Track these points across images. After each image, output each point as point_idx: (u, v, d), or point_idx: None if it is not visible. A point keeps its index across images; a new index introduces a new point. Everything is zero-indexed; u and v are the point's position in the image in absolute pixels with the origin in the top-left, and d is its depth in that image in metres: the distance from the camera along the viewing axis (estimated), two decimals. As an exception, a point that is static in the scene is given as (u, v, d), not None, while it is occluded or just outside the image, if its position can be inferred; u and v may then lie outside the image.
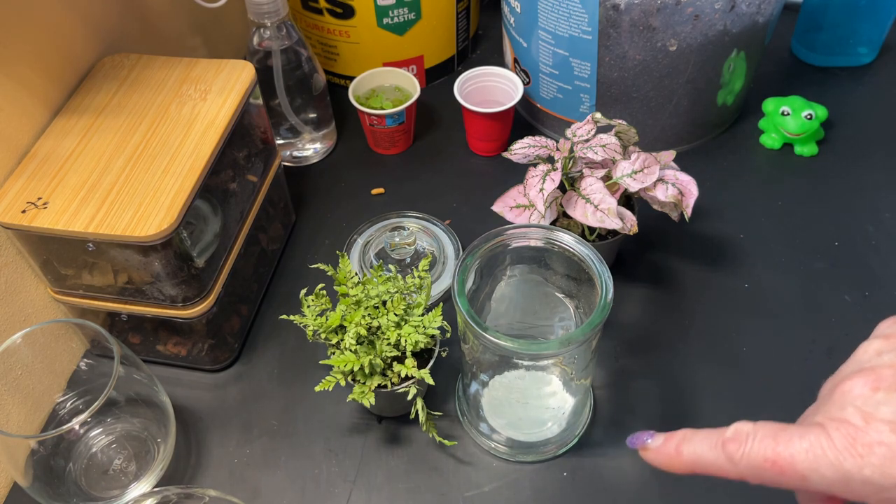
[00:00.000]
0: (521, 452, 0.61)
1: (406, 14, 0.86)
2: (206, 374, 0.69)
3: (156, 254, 0.57)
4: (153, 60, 0.68)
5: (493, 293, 0.60)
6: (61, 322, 0.61)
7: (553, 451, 0.61)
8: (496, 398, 0.62)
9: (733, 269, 0.72)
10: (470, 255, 0.54)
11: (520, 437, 0.61)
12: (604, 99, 0.78)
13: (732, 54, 0.75)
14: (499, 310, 0.61)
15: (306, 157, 0.86)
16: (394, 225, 0.77)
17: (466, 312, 0.51)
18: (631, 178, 0.63)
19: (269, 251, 0.75)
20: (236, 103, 0.64)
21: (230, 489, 0.60)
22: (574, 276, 0.56)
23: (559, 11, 0.73)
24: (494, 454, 0.62)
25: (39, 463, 0.57)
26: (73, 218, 0.56)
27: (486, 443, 0.62)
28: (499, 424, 0.61)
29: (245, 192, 0.69)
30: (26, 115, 0.61)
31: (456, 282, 0.52)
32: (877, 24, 0.89)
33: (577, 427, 0.62)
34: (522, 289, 0.61)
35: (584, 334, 0.50)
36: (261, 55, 0.77)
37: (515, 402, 0.61)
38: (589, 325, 0.50)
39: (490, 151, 0.85)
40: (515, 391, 0.61)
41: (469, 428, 0.63)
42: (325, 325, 0.59)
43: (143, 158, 0.60)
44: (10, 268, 0.61)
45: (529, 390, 0.61)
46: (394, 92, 0.86)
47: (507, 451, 0.61)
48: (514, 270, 0.59)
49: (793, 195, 0.79)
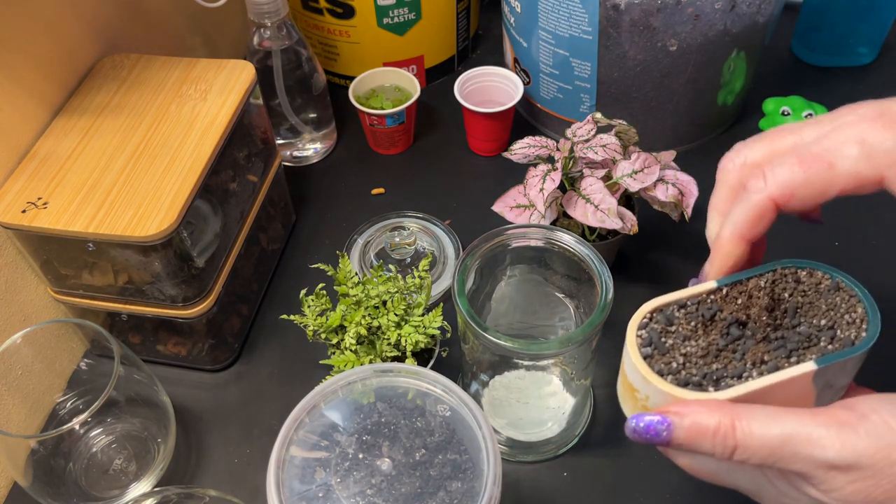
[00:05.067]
0: (522, 452, 0.61)
1: (406, 14, 0.86)
2: (206, 374, 0.69)
3: (156, 254, 0.57)
4: (153, 60, 0.68)
5: (493, 293, 0.60)
6: (61, 322, 0.61)
7: (553, 450, 0.61)
8: (496, 398, 0.62)
9: (733, 269, 0.72)
10: (470, 255, 0.54)
11: (520, 436, 0.61)
12: (604, 99, 0.78)
13: (733, 54, 0.75)
14: (499, 310, 0.61)
15: (306, 157, 0.86)
16: (394, 225, 0.77)
17: (466, 312, 0.51)
18: (631, 178, 0.63)
19: (270, 251, 0.75)
20: (236, 103, 0.64)
21: (230, 489, 0.60)
22: (574, 276, 0.56)
23: (559, 11, 0.73)
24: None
25: (39, 463, 0.57)
26: (73, 218, 0.56)
27: None
28: (499, 424, 0.61)
29: (245, 192, 0.69)
30: (26, 115, 0.61)
31: (456, 282, 0.52)
32: (877, 24, 0.89)
33: (577, 427, 0.62)
34: (523, 289, 0.61)
35: (584, 334, 0.50)
36: (261, 55, 0.77)
37: (515, 401, 0.61)
38: (589, 325, 0.50)
39: (490, 151, 0.85)
40: (515, 391, 0.61)
41: None
42: (326, 325, 0.59)
43: (143, 158, 0.60)
44: (10, 268, 0.61)
45: (529, 390, 0.61)
46: (394, 92, 0.86)
47: (508, 450, 0.61)
48: (515, 270, 0.59)
49: (793, 195, 0.79)
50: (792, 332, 0.40)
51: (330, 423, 0.48)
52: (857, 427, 0.33)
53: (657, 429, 0.36)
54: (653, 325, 0.41)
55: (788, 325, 0.41)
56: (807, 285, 0.42)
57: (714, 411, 0.35)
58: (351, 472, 0.46)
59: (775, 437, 0.34)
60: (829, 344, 0.39)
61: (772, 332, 0.40)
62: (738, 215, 0.39)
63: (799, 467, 0.34)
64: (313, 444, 0.47)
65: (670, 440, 0.35)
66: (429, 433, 0.47)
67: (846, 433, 0.33)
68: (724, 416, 0.34)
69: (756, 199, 0.38)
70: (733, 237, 0.40)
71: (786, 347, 0.39)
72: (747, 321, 0.41)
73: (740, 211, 0.39)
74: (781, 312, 0.41)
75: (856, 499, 0.33)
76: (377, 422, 0.48)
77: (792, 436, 0.33)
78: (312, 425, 0.48)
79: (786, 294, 0.42)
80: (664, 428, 0.36)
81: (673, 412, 0.36)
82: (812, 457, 0.33)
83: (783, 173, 0.38)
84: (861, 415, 0.34)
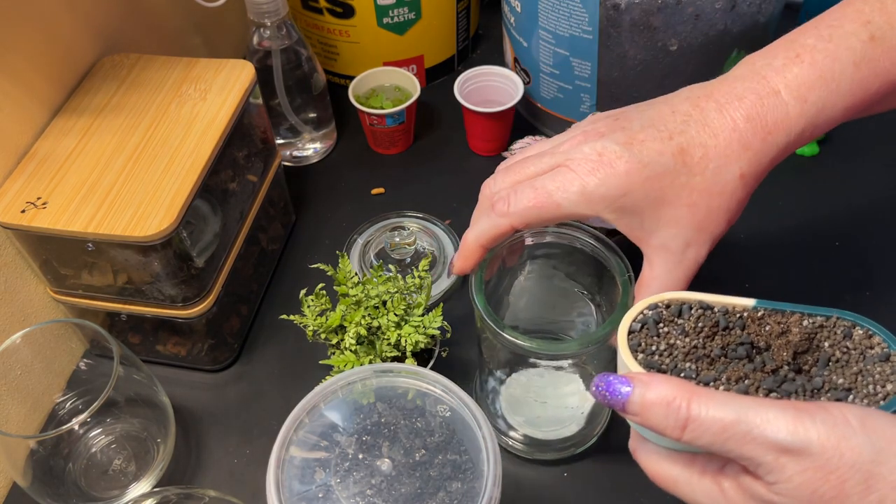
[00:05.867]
0: (539, 451, 0.61)
1: (406, 14, 0.86)
2: (206, 374, 0.69)
3: (155, 254, 0.57)
4: (153, 60, 0.68)
5: (511, 289, 0.59)
6: (61, 322, 0.61)
7: (570, 450, 0.61)
8: (514, 396, 0.61)
9: (733, 269, 0.72)
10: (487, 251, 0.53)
11: (537, 434, 0.60)
12: (604, 99, 0.78)
13: (733, 54, 0.75)
14: (517, 305, 0.61)
15: (306, 156, 0.86)
16: (394, 225, 0.77)
17: (483, 310, 0.50)
18: (631, 178, 0.63)
19: (269, 251, 0.75)
20: (236, 103, 0.64)
21: (230, 489, 0.60)
22: (594, 273, 0.56)
23: (559, 11, 0.73)
24: (511, 451, 0.61)
25: (39, 463, 0.57)
26: (72, 218, 0.56)
27: (504, 440, 0.61)
28: (517, 422, 0.61)
29: (245, 191, 0.69)
30: (26, 114, 0.61)
31: (473, 279, 0.51)
32: (877, 24, 0.89)
33: (595, 427, 0.61)
34: (541, 284, 0.61)
35: (604, 333, 0.49)
36: (261, 55, 0.77)
37: (533, 401, 0.60)
38: (610, 324, 0.49)
39: (490, 151, 0.85)
40: (533, 389, 0.60)
41: None
42: (325, 325, 0.59)
43: (142, 158, 0.60)
44: (10, 268, 0.61)
45: (548, 389, 0.60)
46: (394, 92, 0.86)
47: (525, 448, 0.61)
48: (533, 266, 0.59)
49: (793, 195, 0.79)
50: (802, 377, 0.38)
51: (330, 423, 0.48)
52: (815, 414, 0.33)
53: (617, 389, 0.37)
54: (662, 309, 0.41)
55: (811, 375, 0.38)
56: (855, 344, 0.38)
57: (675, 387, 0.35)
58: (351, 473, 0.46)
59: (728, 414, 0.34)
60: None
61: (788, 372, 0.38)
62: (483, 228, 0.49)
63: (749, 450, 0.33)
64: (313, 444, 0.47)
65: (626, 402, 0.36)
66: (429, 433, 0.47)
67: (801, 417, 0.33)
68: (682, 391, 0.35)
69: (499, 222, 0.48)
70: (476, 245, 0.50)
71: (781, 388, 0.37)
72: (764, 350, 0.38)
73: (485, 226, 0.49)
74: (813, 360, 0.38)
75: (802, 492, 0.32)
76: (377, 422, 0.48)
77: (746, 414, 0.33)
78: (312, 425, 0.48)
79: (826, 343, 0.38)
80: (625, 390, 0.37)
81: (637, 378, 0.37)
82: (764, 436, 0.33)
83: (521, 205, 0.47)
84: (821, 406, 0.34)
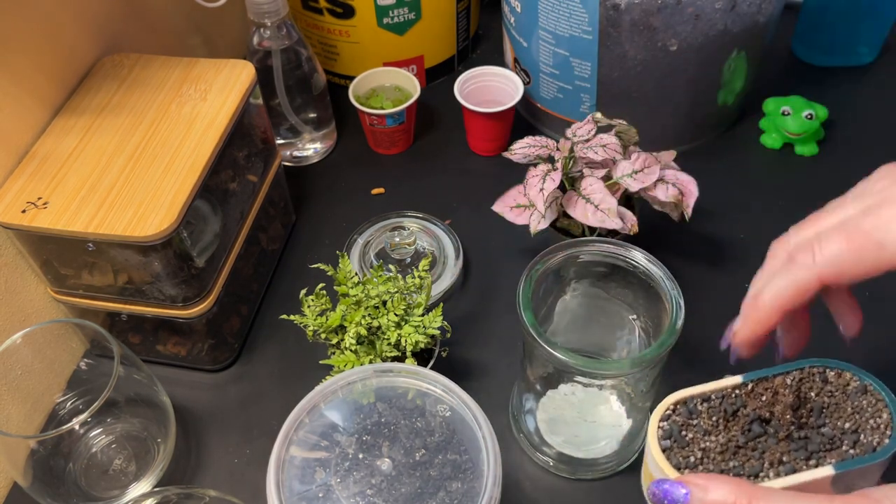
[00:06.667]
0: (574, 469, 0.60)
1: (406, 14, 0.86)
2: (206, 374, 0.69)
3: (156, 254, 0.57)
4: (153, 60, 0.68)
5: (555, 306, 0.59)
6: (61, 322, 0.61)
7: (610, 468, 0.60)
8: (551, 413, 0.60)
9: (733, 269, 0.72)
10: (537, 265, 0.53)
11: (577, 453, 0.59)
12: (604, 99, 0.78)
13: (733, 54, 0.75)
14: (561, 323, 0.60)
15: (306, 157, 0.86)
16: (394, 225, 0.77)
17: (531, 326, 0.49)
18: (631, 178, 0.63)
19: (269, 251, 0.75)
20: (236, 103, 0.64)
21: (230, 489, 0.60)
22: (640, 294, 0.55)
23: (559, 11, 0.73)
24: (546, 469, 0.60)
25: (39, 463, 0.57)
26: (72, 218, 0.56)
27: (540, 458, 0.60)
28: (555, 441, 0.60)
29: (245, 191, 0.69)
30: (26, 114, 0.61)
31: (521, 294, 0.51)
32: (877, 24, 0.89)
33: (632, 449, 0.60)
34: (585, 302, 0.60)
35: (657, 355, 0.49)
36: (261, 55, 0.77)
37: (571, 418, 0.60)
38: (660, 346, 0.49)
39: (490, 151, 0.85)
40: (571, 407, 0.59)
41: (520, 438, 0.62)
42: (326, 325, 0.59)
43: (143, 158, 0.60)
44: (10, 268, 0.61)
45: (585, 407, 0.60)
46: (394, 92, 0.86)
47: (558, 465, 0.60)
48: (580, 284, 0.58)
49: (793, 195, 0.79)
50: (815, 433, 0.41)
51: (330, 423, 0.48)
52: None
53: (675, 495, 0.36)
54: (675, 417, 0.42)
55: (813, 425, 0.41)
56: (834, 386, 0.42)
57: (734, 488, 0.35)
58: (351, 473, 0.46)
59: None
60: (852, 448, 0.40)
61: (795, 431, 0.41)
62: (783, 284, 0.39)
63: None
64: (313, 444, 0.47)
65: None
66: (429, 433, 0.47)
67: None
68: (742, 493, 0.35)
69: (803, 274, 0.38)
70: (773, 305, 0.39)
71: (806, 449, 0.40)
72: (770, 418, 0.41)
73: (785, 282, 0.39)
74: (807, 411, 0.41)
75: None
76: (377, 422, 0.48)
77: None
78: (312, 425, 0.48)
79: (812, 393, 0.42)
80: (681, 492, 0.36)
81: (693, 483, 0.36)
82: None
83: (832, 250, 0.37)
84: (863, 495, 0.34)
